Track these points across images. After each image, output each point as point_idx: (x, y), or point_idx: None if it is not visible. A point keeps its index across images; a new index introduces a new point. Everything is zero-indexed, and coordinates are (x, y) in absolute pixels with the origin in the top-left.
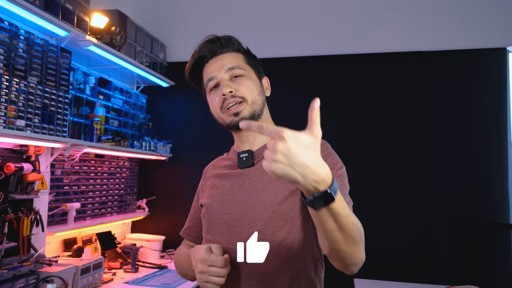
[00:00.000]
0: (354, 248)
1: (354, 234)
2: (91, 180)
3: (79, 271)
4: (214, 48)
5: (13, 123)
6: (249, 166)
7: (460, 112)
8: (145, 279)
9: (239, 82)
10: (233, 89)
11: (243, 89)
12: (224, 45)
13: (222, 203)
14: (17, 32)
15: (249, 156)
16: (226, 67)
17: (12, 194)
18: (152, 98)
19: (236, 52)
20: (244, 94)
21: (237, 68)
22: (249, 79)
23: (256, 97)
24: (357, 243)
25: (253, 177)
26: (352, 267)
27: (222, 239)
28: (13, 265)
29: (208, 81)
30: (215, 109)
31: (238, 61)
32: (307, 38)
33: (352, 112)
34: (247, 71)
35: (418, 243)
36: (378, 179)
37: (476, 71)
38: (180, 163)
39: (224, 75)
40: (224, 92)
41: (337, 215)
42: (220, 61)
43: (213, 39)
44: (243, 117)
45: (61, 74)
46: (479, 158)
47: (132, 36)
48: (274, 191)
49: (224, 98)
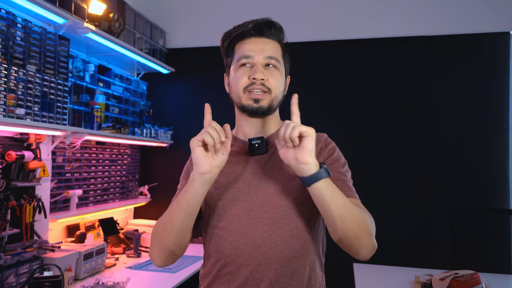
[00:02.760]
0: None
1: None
2: (92, 167)
3: (82, 257)
4: (263, 29)
5: (13, 112)
6: (262, 153)
7: (462, 97)
8: (147, 264)
9: (271, 73)
10: (265, 77)
11: (273, 81)
12: (273, 32)
13: (237, 190)
14: (15, 20)
15: (262, 143)
16: (267, 54)
17: (14, 181)
18: (152, 85)
19: (278, 42)
20: (272, 86)
21: (275, 59)
22: (280, 74)
23: (279, 94)
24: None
25: (268, 164)
26: (361, 253)
27: (241, 226)
28: (16, 251)
29: (243, 57)
30: (238, 87)
31: (278, 53)
32: (306, 23)
33: (353, 98)
34: (281, 65)
35: (419, 229)
36: (379, 165)
37: (478, 56)
38: (181, 149)
39: (262, 60)
40: (256, 77)
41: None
42: (262, 44)
43: (267, 22)
44: (262, 105)
45: (60, 62)
46: (480, 144)
47: (131, 22)
48: (293, 178)
49: (252, 82)
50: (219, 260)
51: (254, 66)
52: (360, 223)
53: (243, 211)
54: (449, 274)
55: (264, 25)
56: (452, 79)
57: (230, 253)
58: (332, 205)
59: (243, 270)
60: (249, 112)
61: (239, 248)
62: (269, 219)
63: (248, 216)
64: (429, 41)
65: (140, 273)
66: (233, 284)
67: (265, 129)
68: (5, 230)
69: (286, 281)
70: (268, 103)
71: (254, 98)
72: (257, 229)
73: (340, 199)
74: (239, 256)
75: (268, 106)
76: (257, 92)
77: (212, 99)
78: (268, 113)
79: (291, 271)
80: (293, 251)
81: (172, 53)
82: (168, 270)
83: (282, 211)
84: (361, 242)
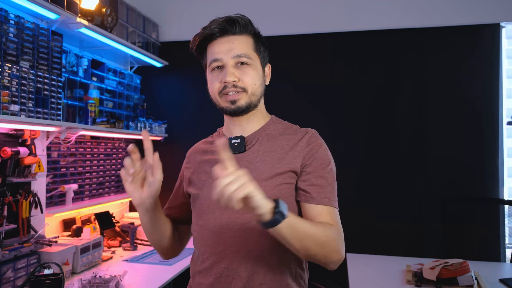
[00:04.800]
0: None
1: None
2: (87, 161)
3: (79, 251)
4: (226, 27)
5: (7, 108)
6: (241, 151)
7: (453, 89)
8: (143, 256)
9: (243, 72)
10: (237, 78)
11: (246, 79)
12: (238, 27)
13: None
14: (7, 16)
15: (241, 142)
16: (234, 53)
17: (10, 177)
18: (146, 79)
19: (247, 35)
20: (246, 85)
21: (245, 56)
22: (253, 69)
23: (257, 89)
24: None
25: (245, 163)
26: (328, 267)
27: (216, 222)
28: (14, 246)
29: (212, 60)
30: (213, 91)
31: (247, 47)
32: (298, 16)
33: (345, 91)
34: (253, 60)
35: (411, 219)
36: (371, 155)
37: (469, 48)
38: (176, 142)
39: (231, 60)
40: (226, 80)
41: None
42: (229, 44)
43: (229, 20)
44: (239, 106)
45: (53, 57)
46: (471, 135)
47: (124, 16)
48: (268, 177)
49: (225, 85)
50: (198, 256)
51: (224, 68)
52: (324, 245)
53: (218, 210)
54: (439, 262)
55: (227, 24)
56: (444, 71)
57: (205, 250)
58: (292, 241)
59: (216, 267)
60: (230, 114)
61: (213, 246)
62: (241, 219)
63: (222, 215)
64: (421, 32)
65: (137, 266)
66: (209, 279)
67: (250, 126)
68: (2, 226)
69: (258, 279)
70: (246, 101)
71: (230, 100)
72: (229, 229)
73: (300, 233)
74: (213, 254)
75: (247, 105)
76: (232, 94)
77: (206, 92)
78: (249, 110)
79: (264, 270)
80: (264, 251)
81: (165, 46)
82: (164, 263)
83: None
84: (326, 260)
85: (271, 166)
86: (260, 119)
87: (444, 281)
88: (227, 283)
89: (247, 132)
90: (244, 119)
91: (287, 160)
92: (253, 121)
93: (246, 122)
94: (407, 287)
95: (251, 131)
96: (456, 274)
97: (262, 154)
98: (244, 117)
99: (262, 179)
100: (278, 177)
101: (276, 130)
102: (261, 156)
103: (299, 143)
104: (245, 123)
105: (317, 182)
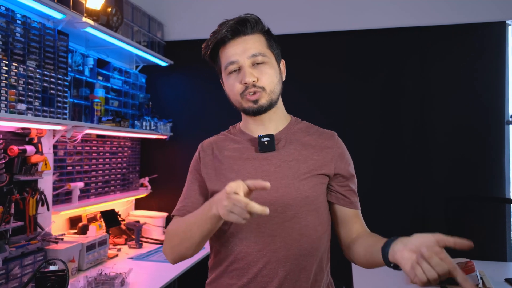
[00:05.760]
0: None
1: None
2: (93, 160)
3: (85, 248)
4: (237, 29)
5: (14, 107)
6: (272, 150)
7: (458, 87)
8: (148, 254)
9: (261, 71)
10: (256, 78)
11: (265, 78)
12: (249, 27)
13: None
14: (14, 16)
15: (271, 141)
16: (250, 53)
17: (17, 175)
18: (151, 78)
19: (259, 34)
20: (265, 84)
21: (260, 54)
22: (270, 67)
23: (275, 87)
24: None
25: (278, 162)
26: None
27: (251, 224)
28: (21, 243)
29: (228, 63)
30: (234, 93)
31: (261, 46)
32: (300, 15)
33: (349, 89)
34: (268, 57)
35: (414, 218)
36: (374, 155)
37: (474, 46)
38: (181, 141)
39: (247, 61)
40: (246, 81)
41: None
42: (242, 44)
43: (240, 21)
44: (261, 105)
45: (59, 56)
46: (477, 133)
47: (129, 15)
48: (305, 177)
49: (246, 86)
50: (228, 256)
51: (242, 69)
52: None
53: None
54: None
55: (238, 25)
56: (448, 69)
57: (240, 250)
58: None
59: (252, 267)
60: (253, 113)
61: (249, 246)
62: (279, 218)
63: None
64: (424, 31)
65: (142, 264)
66: (242, 280)
67: (272, 124)
68: (9, 223)
69: (294, 277)
70: (267, 100)
71: (253, 100)
72: (267, 228)
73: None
74: (249, 254)
75: (268, 103)
76: (253, 94)
77: (211, 91)
78: (270, 108)
79: (299, 268)
80: (302, 249)
81: (170, 45)
82: None
83: (292, 210)
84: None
85: (306, 166)
86: (282, 118)
87: (448, 280)
88: (264, 282)
89: (270, 131)
90: (266, 118)
91: (320, 162)
92: (275, 119)
93: (268, 120)
94: (411, 287)
95: (274, 130)
96: None
97: (295, 153)
98: (266, 115)
99: (299, 179)
100: (314, 177)
101: (300, 129)
102: (295, 156)
103: (328, 145)
104: (267, 121)
105: (353, 187)
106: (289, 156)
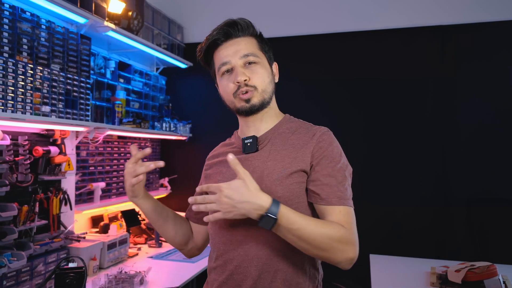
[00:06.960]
0: (325, 254)
1: (319, 243)
2: (114, 160)
3: (106, 247)
4: (229, 31)
5: (39, 109)
6: (254, 151)
7: (485, 87)
8: (168, 254)
9: (252, 70)
10: (247, 77)
11: (256, 77)
12: (240, 29)
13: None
14: (39, 21)
15: (253, 142)
16: (241, 54)
17: (41, 175)
18: (171, 79)
19: (251, 36)
20: (256, 83)
21: (252, 55)
22: (262, 67)
23: (267, 86)
24: (326, 250)
25: (257, 163)
26: (339, 266)
27: (229, 223)
28: (45, 241)
29: (221, 65)
30: (227, 93)
31: (253, 47)
32: (320, 15)
33: (370, 89)
34: (260, 58)
35: (436, 220)
36: (396, 156)
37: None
38: (200, 142)
39: (239, 61)
40: (239, 80)
41: (290, 230)
42: (234, 46)
43: (230, 23)
44: (253, 104)
45: (82, 60)
46: (501, 134)
47: (149, 19)
48: (280, 176)
49: (238, 86)
50: (213, 253)
51: (234, 69)
52: (325, 245)
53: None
54: (465, 265)
55: (229, 27)
56: (474, 70)
57: (219, 247)
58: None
59: (229, 264)
60: (245, 113)
61: (226, 243)
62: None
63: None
64: (447, 30)
65: (161, 263)
66: (222, 276)
67: (263, 125)
68: (34, 222)
69: (268, 278)
70: (259, 99)
71: (245, 99)
72: (241, 227)
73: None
74: (226, 251)
75: (260, 102)
76: (245, 93)
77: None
78: (262, 108)
79: (274, 269)
80: (275, 250)
81: (190, 47)
82: (188, 260)
83: None
84: (332, 260)
85: (282, 166)
86: (273, 118)
87: (470, 284)
88: (239, 280)
89: (260, 132)
90: (257, 118)
91: (298, 159)
92: (266, 120)
93: (260, 121)
94: None
95: (264, 131)
96: (483, 277)
97: (274, 153)
98: (258, 116)
99: (274, 179)
100: (289, 176)
101: (289, 128)
102: (273, 156)
103: (310, 141)
104: (258, 122)
105: (326, 181)
106: (268, 157)
